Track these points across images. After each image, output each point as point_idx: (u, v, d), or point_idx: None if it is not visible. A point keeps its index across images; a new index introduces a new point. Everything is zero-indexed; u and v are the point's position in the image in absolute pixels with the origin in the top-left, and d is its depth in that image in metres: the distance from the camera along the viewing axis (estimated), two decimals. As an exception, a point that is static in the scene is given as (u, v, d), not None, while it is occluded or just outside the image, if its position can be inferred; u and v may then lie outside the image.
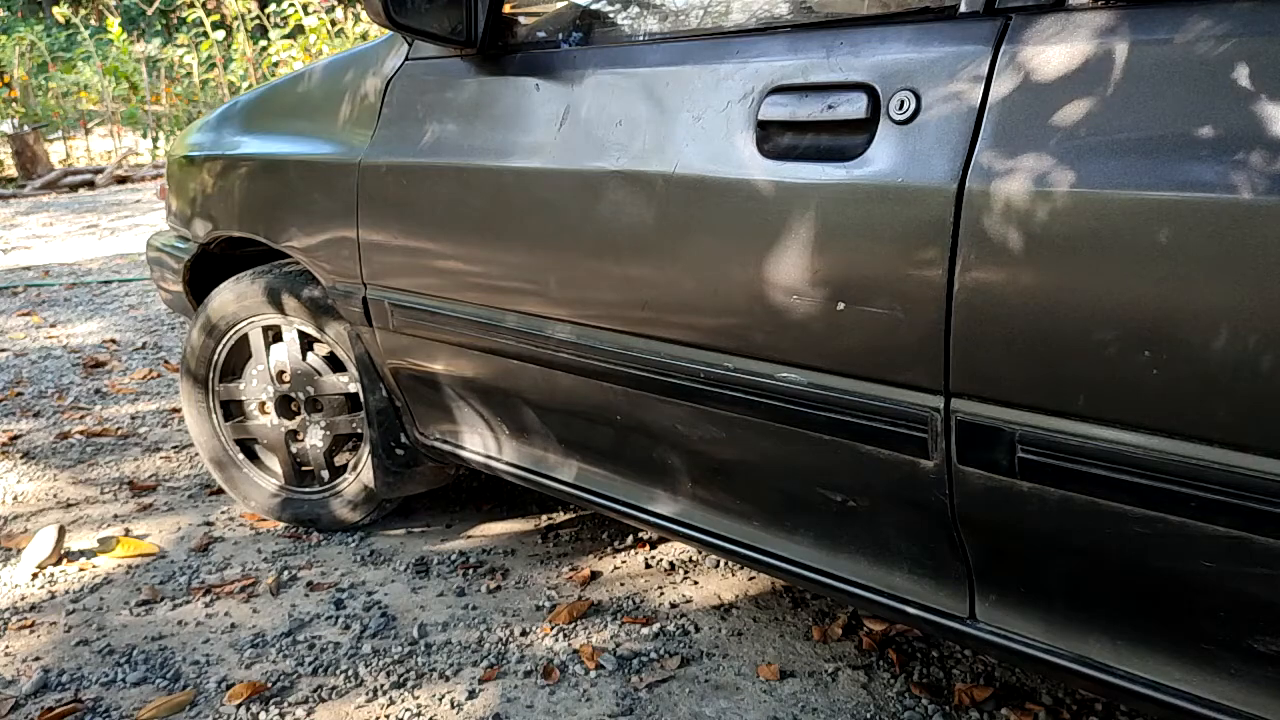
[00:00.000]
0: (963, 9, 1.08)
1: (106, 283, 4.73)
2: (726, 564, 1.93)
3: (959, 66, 1.05)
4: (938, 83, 1.07)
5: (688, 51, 1.33)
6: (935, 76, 1.07)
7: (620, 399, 1.46)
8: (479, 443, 1.79)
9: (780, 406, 1.25)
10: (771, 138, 1.20)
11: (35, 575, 1.97)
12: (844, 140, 1.13)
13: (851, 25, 1.18)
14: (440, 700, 1.56)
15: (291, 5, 8.38)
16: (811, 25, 1.24)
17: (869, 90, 1.11)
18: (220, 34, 9.56)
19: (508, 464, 1.75)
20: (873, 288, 1.11)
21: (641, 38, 1.42)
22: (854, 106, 1.12)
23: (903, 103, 1.09)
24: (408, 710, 1.54)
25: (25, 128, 8.82)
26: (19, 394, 3.10)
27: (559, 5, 1.59)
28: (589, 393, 1.49)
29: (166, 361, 3.42)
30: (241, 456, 2.16)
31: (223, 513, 2.23)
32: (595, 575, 1.91)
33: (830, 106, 1.14)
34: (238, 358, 2.11)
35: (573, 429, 1.61)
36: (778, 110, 1.19)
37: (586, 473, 1.64)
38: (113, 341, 3.70)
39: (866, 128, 1.12)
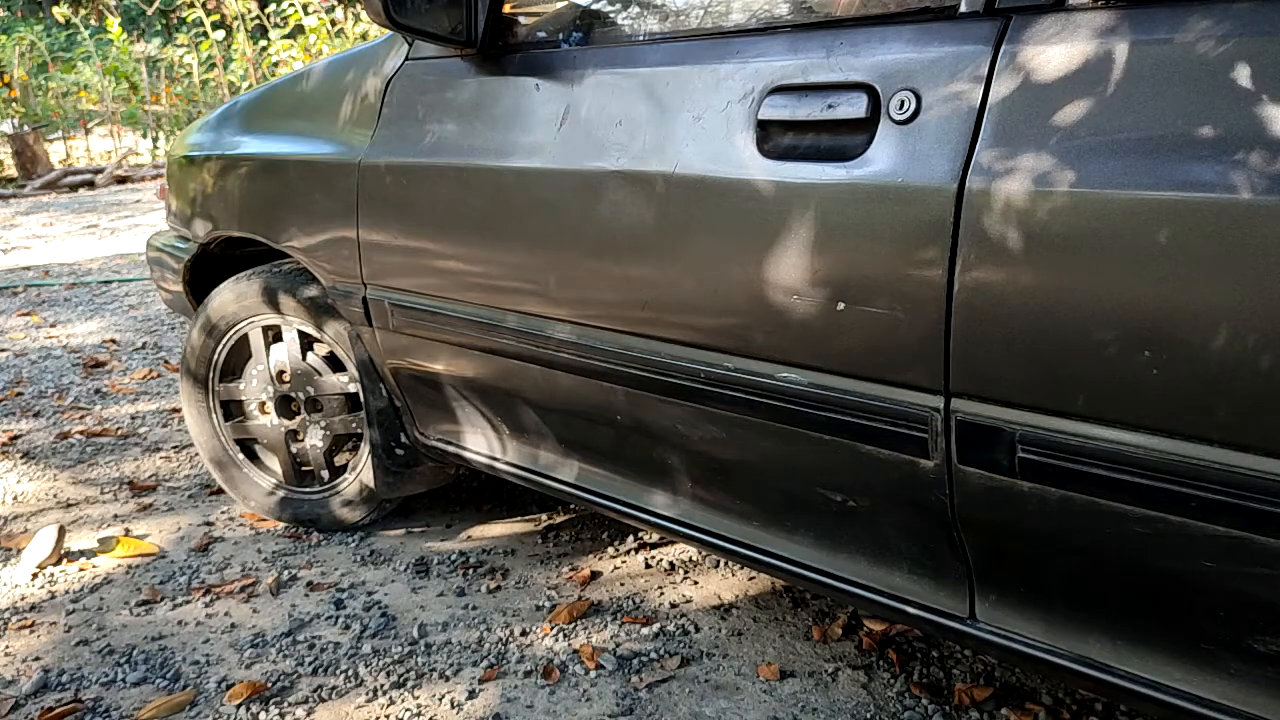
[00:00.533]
0: (963, 9, 1.07)
1: (106, 283, 4.73)
2: (726, 564, 1.93)
3: (959, 66, 1.05)
4: (938, 83, 1.07)
5: (688, 51, 1.33)
6: (935, 76, 1.07)
7: (620, 399, 1.46)
8: (480, 443, 1.79)
9: (780, 406, 1.25)
10: (772, 138, 1.20)
11: (35, 575, 1.97)
12: (844, 140, 1.13)
13: (852, 25, 1.18)
14: (440, 700, 1.56)
15: (291, 5, 8.38)
16: (811, 25, 1.24)
17: (869, 90, 1.11)
18: (220, 34, 9.56)
19: (508, 464, 1.75)
20: (872, 288, 1.11)
21: (642, 38, 1.42)
22: (854, 106, 1.12)
23: (903, 103, 1.08)
24: (408, 710, 1.54)
25: (25, 128, 8.82)
26: (19, 394, 3.10)
27: (559, 5, 1.59)
28: (589, 393, 1.49)
29: (166, 361, 3.42)
30: (241, 456, 2.16)
31: (223, 513, 2.23)
32: (595, 575, 1.91)
33: (830, 106, 1.14)
34: (238, 358, 2.11)
35: (573, 429, 1.61)
36: (778, 110, 1.19)
37: (587, 473, 1.64)
38: (113, 341, 3.70)
39: (866, 128, 1.12)
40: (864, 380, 1.16)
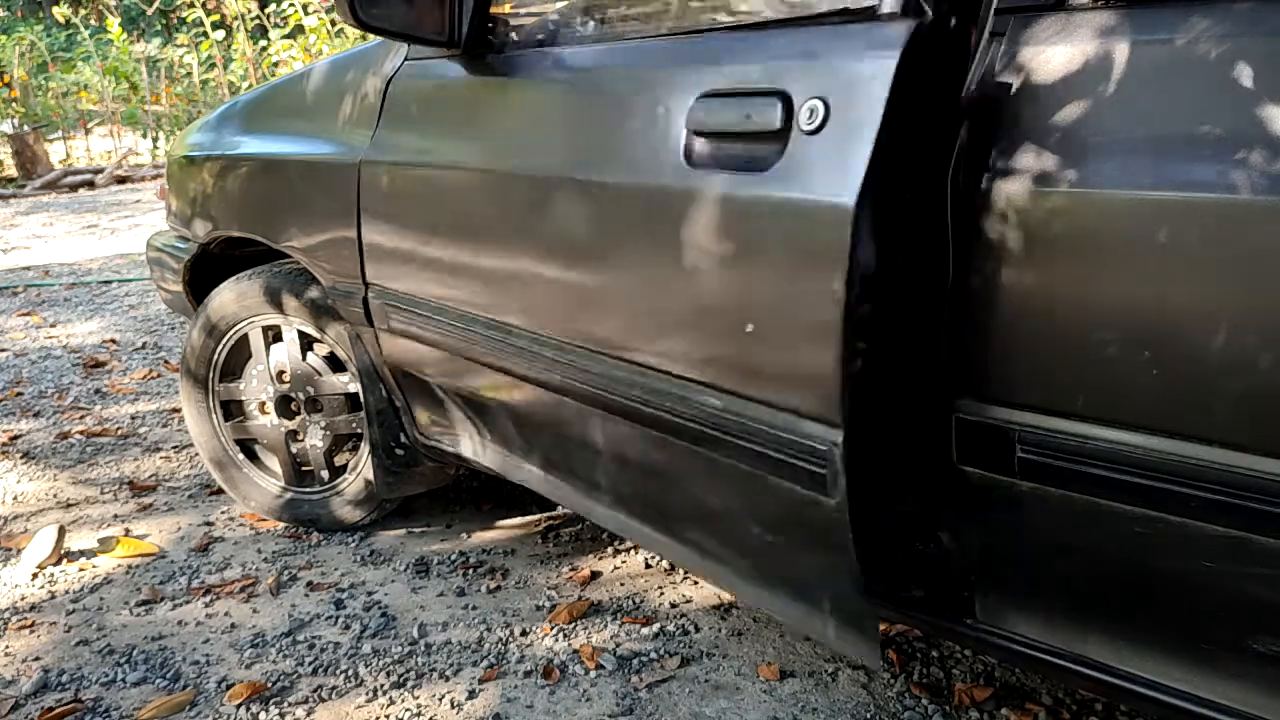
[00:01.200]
0: (884, 9, 1.02)
1: (106, 283, 4.73)
2: (726, 564, 1.93)
3: (870, 72, 0.99)
4: (847, 90, 1.00)
5: (634, 53, 1.30)
6: (846, 83, 1.01)
7: (569, 410, 1.43)
8: (467, 444, 1.79)
9: (700, 431, 1.20)
10: (698, 146, 1.15)
11: (35, 575, 1.97)
12: (760, 150, 1.08)
13: (780, 26, 1.14)
14: (440, 700, 1.56)
15: (291, 5, 8.38)
16: (743, 27, 1.20)
17: (784, 98, 1.05)
18: (220, 34, 9.55)
19: (487, 467, 1.75)
20: (774, 310, 1.06)
21: (599, 39, 1.40)
22: (769, 115, 1.06)
23: (812, 112, 1.02)
24: (408, 710, 1.54)
25: (25, 128, 8.81)
26: (19, 394, 3.10)
27: (539, 6, 1.58)
28: (542, 400, 1.48)
29: (166, 361, 3.42)
30: (241, 456, 2.16)
31: (223, 513, 2.23)
32: (595, 575, 1.91)
33: (748, 115, 1.09)
34: (238, 358, 2.11)
35: (537, 434, 1.60)
36: (704, 117, 1.14)
37: (549, 479, 1.62)
38: (113, 341, 3.70)
39: (780, 138, 1.05)
40: (770, 408, 1.10)
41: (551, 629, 1.73)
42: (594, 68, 1.35)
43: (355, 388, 1.96)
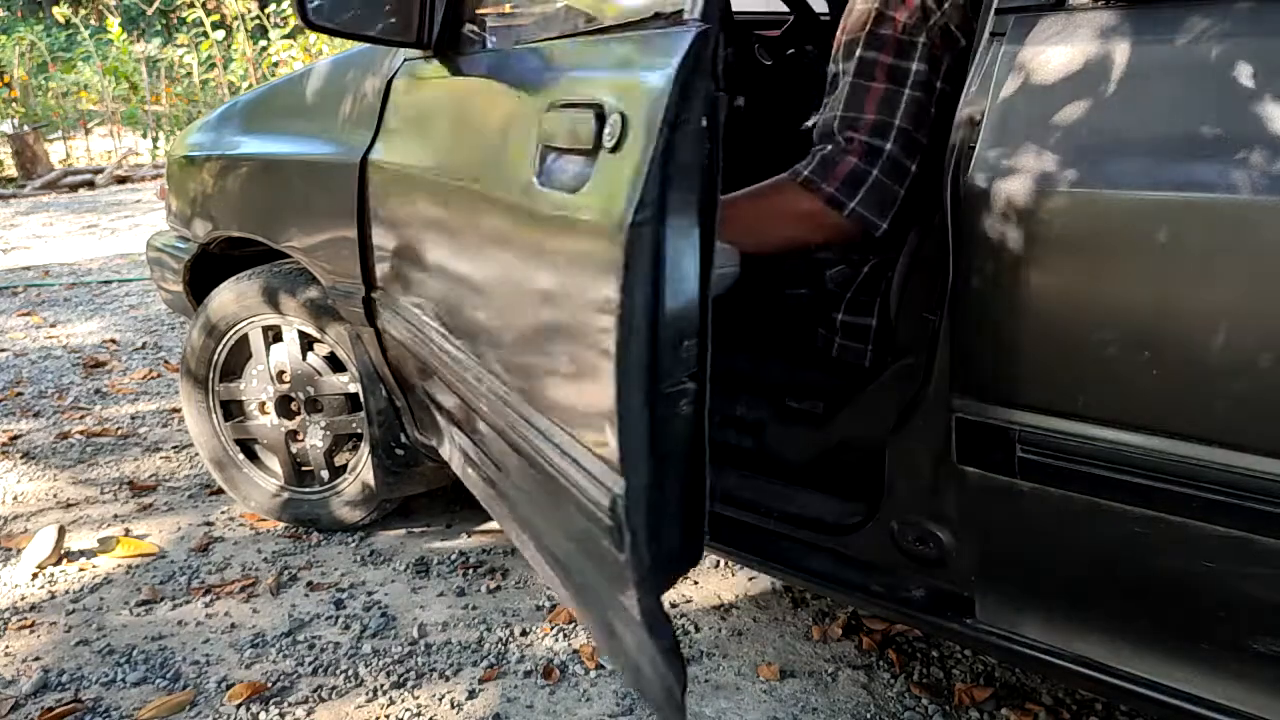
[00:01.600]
0: (693, 13, 0.94)
1: (106, 283, 4.73)
2: (726, 564, 1.93)
3: (656, 83, 0.92)
4: (641, 102, 0.93)
5: (528, 57, 1.29)
6: (640, 95, 0.94)
7: (476, 420, 1.41)
8: (447, 447, 1.79)
9: (540, 459, 1.15)
10: (544, 158, 1.10)
11: (35, 575, 1.97)
12: (579, 167, 1.02)
13: (606, 33, 1.12)
14: (440, 700, 1.56)
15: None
16: (588, 33, 1.18)
17: (598, 111, 0.99)
18: (220, 34, 9.55)
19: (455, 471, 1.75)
20: (576, 342, 1.00)
21: (519, 41, 1.40)
22: (585, 130, 1.00)
23: (613, 126, 0.96)
24: (408, 710, 1.54)
25: (25, 128, 8.80)
26: (19, 394, 3.10)
27: (504, 6, 1.57)
28: (467, 408, 1.47)
29: (166, 361, 3.42)
30: (241, 456, 2.16)
31: (223, 513, 2.23)
32: (595, 575, 1.91)
33: (570, 128, 1.04)
34: (238, 358, 2.11)
35: (465, 437, 1.60)
36: (548, 128, 1.10)
37: (472, 485, 1.60)
38: (113, 341, 3.70)
39: (594, 155, 0.99)
40: (579, 445, 1.03)
41: (551, 629, 1.73)
42: (505, 71, 1.33)
43: (355, 388, 1.96)
